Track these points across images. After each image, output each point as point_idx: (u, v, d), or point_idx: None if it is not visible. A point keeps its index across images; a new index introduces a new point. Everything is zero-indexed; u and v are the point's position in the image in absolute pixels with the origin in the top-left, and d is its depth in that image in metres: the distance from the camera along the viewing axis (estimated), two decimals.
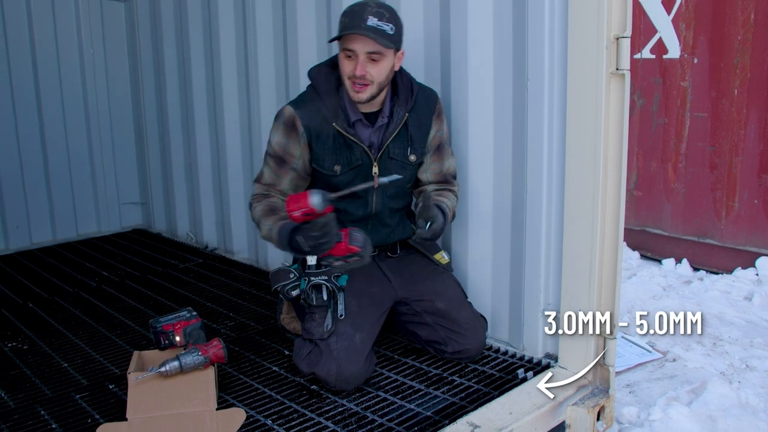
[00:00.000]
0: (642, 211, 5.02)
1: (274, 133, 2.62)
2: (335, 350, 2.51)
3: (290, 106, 2.60)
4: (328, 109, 2.57)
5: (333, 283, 2.56)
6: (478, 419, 2.30)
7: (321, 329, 2.54)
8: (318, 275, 2.55)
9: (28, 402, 2.54)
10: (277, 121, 2.62)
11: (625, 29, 2.31)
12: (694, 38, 4.59)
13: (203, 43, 4.27)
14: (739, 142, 4.48)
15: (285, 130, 2.59)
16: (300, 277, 2.59)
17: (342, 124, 2.57)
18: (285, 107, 2.62)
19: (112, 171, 5.14)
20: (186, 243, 4.72)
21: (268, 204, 2.60)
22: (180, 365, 2.33)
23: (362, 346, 2.57)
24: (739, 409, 2.85)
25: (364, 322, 2.60)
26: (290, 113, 2.58)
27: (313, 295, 2.55)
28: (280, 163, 2.63)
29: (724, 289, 4.32)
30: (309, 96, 2.62)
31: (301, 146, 2.59)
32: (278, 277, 2.64)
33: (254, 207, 2.63)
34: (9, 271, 4.21)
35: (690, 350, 3.42)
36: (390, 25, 2.42)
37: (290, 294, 2.62)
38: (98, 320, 3.34)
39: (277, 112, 2.65)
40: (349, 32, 2.40)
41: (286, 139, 2.59)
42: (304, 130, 2.57)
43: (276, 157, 2.63)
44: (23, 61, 4.60)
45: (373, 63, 2.45)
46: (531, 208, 2.68)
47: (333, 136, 2.58)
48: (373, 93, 2.51)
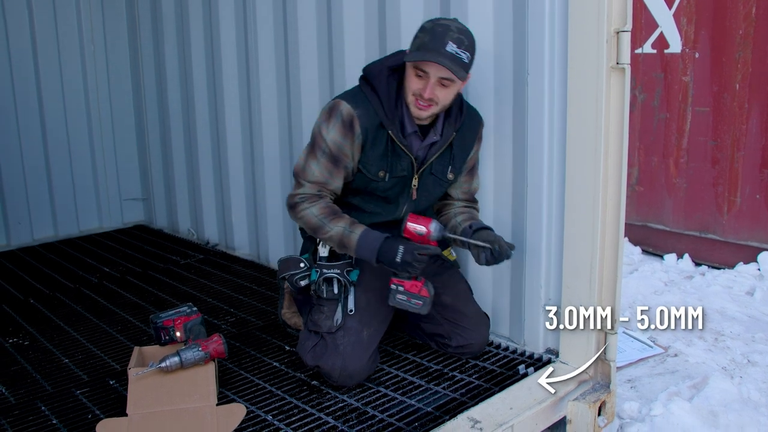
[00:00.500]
0: (643, 206, 5.01)
1: (328, 129, 2.50)
2: (341, 345, 2.51)
3: (348, 104, 2.48)
4: (386, 113, 2.48)
5: (345, 277, 2.56)
6: (478, 414, 2.31)
7: (329, 322, 2.54)
8: (330, 268, 2.56)
9: (29, 398, 2.54)
10: (333, 117, 2.49)
11: (625, 23, 2.30)
12: (695, 33, 4.57)
13: (204, 38, 4.26)
14: (741, 136, 4.47)
15: (342, 129, 2.48)
16: (311, 267, 2.60)
17: (397, 133, 2.50)
18: (341, 103, 2.50)
19: (114, 167, 5.14)
20: (187, 239, 4.72)
21: (328, 206, 2.53)
22: (180, 361, 2.33)
23: (369, 342, 2.56)
24: (740, 404, 2.84)
25: (372, 317, 2.60)
26: (349, 112, 2.47)
27: (324, 287, 2.56)
28: (334, 161, 2.52)
29: (726, 284, 4.31)
30: (367, 96, 2.51)
31: (355, 147, 2.50)
32: (288, 265, 2.64)
33: (307, 207, 2.52)
34: (10, 267, 4.21)
35: (691, 345, 3.42)
36: (467, 54, 2.36)
37: (299, 283, 2.62)
38: (99, 316, 3.34)
39: (328, 105, 2.55)
40: (427, 59, 2.34)
41: (342, 137, 2.48)
42: (361, 132, 2.48)
43: (330, 155, 2.51)
44: (24, 57, 4.60)
45: (442, 87, 2.40)
46: (531, 202, 2.68)
47: (386, 143, 2.51)
48: (435, 113, 2.48)
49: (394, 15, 3.01)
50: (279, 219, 3.94)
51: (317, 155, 2.53)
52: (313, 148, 2.54)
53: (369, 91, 2.51)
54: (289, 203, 2.58)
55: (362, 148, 2.51)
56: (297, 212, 2.55)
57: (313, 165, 2.53)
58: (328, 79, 3.43)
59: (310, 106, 3.56)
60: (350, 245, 2.48)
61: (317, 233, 2.53)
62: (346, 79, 3.29)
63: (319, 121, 2.54)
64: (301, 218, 2.55)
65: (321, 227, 2.50)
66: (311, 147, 2.56)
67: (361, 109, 2.47)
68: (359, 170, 2.55)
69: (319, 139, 2.52)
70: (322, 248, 2.60)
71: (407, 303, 2.51)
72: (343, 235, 2.48)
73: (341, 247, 2.51)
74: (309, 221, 2.52)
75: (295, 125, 3.69)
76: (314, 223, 2.51)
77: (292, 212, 2.57)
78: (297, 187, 2.57)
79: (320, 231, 2.51)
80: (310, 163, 2.54)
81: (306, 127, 3.60)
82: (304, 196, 2.54)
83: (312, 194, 2.53)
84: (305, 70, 3.56)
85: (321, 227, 2.50)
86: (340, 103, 2.50)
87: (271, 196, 3.96)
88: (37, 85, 4.67)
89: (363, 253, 2.48)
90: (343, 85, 3.31)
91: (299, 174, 2.57)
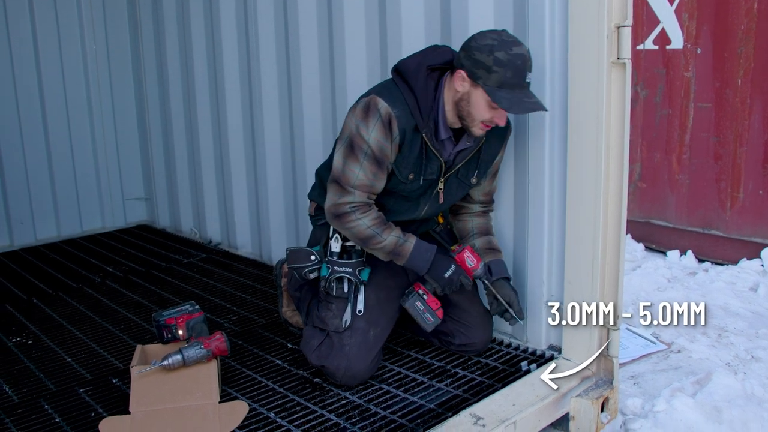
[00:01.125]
0: (646, 202, 5.00)
1: (368, 129, 2.36)
2: (347, 345, 2.51)
3: (385, 102, 2.35)
4: (421, 116, 2.38)
5: (356, 276, 2.54)
6: (481, 411, 2.30)
7: (337, 321, 2.53)
8: (342, 266, 2.54)
9: (32, 396, 2.55)
10: (371, 115, 2.36)
11: (625, 18, 2.29)
12: (697, 28, 4.56)
13: (205, 38, 4.27)
14: (744, 132, 4.46)
15: (383, 129, 2.35)
16: (321, 261, 2.58)
17: (431, 137, 2.42)
18: (377, 100, 2.36)
19: (116, 167, 5.15)
20: (190, 238, 4.73)
21: (379, 216, 2.45)
22: (183, 358, 2.33)
23: (374, 342, 2.56)
24: (744, 400, 2.83)
25: (379, 317, 2.59)
26: (387, 111, 2.34)
27: (335, 285, 2.54)
28: (378, 163, 2.40)
29: (730, 280, 4.30)
30: (404, 95, 2.39)
31: (393, 148, 2.39)
32: (298, 257, 2.61)
33: (359, 218, 2.42)
34: (13, 266, 4.22)
35: (695, 341, 3.41)
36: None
37: (307, 276, 2.60)
38: (102, 315, 3.35)
39: (363, 101, 2.41)
40: (524, 109, 2.32)
41: (384, 138, 2.36)
42: (399, 133, 2.37)
43: (373, 157, 2.38)
44: (26, 58, 4.61)
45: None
46: (533, 198, 2.68)
47: (419, 145, 2.43)
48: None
49: (395, 11, 3.00)
50: (281, 218, 3.95)
51: (359, 157, 2.39)
52: (353, 149, 2.40)
53: (406, 90, 2.40)
54: (335, 212, 2.45)
55: (399, 149, 2.41)
56: (345, 222, 2.44)
57: (356, 168, 2.40)
58: (329, 78, 3.43)
59: (312, 105, 3.57)
60: (403, 254, 2.47)
61: (367, 242, 2.46)
62: (346, 79, 3.30)
63: (355, 120, 2.39)
64: (350, 228, 2.45)
65: (372, 237, 2.44)
66: (349, 149, 2.41)
67: (399, 110, 2.35)
68: (392, 171, 2.47)
69: (359, 140, 2.38)
70: (335, 243, 2.57)
71: (421, 313, 2.54)
72: (396, 244, 2.45)
73: (390, 255, 2.48)
74: (360, 232, 2.44)
75: (297, 124, 3.70)
76: (366, 234, 2.43)
77: (338, 221, 2.46)
78: (342, 194, 2.43)
79: (371, 241, 2.45)
80: (352, 167, 2.40)
81: (307, 126, 3.61)
82: (355, 206, 2.42)
83: (362, 203, 2.43)
84: (306, 68, 3.56)
85: (372, 237, 2.44)
86: (376, 100, 2.37)
87: (273, 195, 3.97)
88: (39, 84, 4.68)
89: (414, 263, 2.49)
90: (344, 84, 3.32)
91: (341, 180, 2.43)
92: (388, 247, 2.45)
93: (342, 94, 3.35)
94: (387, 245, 2.45)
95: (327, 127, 3.52)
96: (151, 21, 4.77)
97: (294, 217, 3.86)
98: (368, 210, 2.44)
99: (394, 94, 2.39)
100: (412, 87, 2.39)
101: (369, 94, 2.44)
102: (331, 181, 2.47)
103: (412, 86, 2.39)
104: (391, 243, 2.45)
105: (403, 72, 2.43)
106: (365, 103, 2.39)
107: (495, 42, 2.25)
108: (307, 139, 3.64)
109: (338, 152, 2.45)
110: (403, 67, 2.45)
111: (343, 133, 2.46)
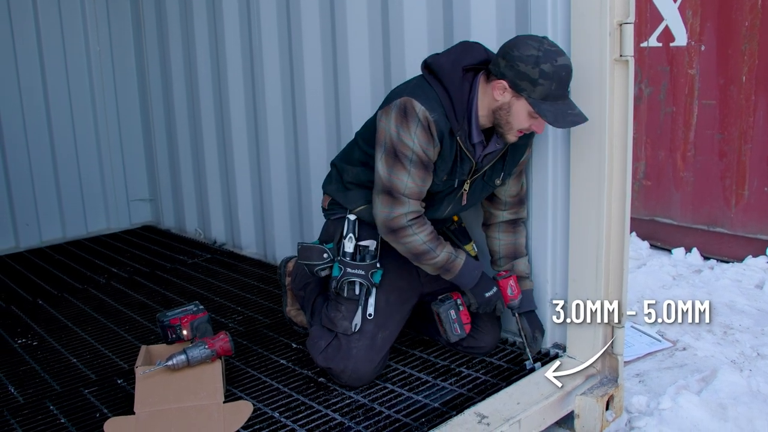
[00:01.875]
0: (651, 200, 4.99)
1: (410, 135, 2.29)
2: (354, 348, 2.50)
3: (422, 106, 2.28)
4: (456, 119, 2.32)
5: (369, 280, 2.52)
6: (485, 409, 2.30)
7: (346, 323, 2.53)
8: (355, 267, 2.52)
9: (38, 397, 2.55)
10: (410, 120, 2.29)
11: (628, 15, 2.29)
12: (700, 25, 4.55)
13: (209, 39, 4.27)
14: (748, 129, 4.45)
15: (424, 133, 2.29)
16: (333, 260, 2.56)
17: (465, 140, 2.36)
18: (414, 103, 2.29)
19: (121, 168, 5.17)
20: (194, 239, 4.74)
21: (433, 232, 2.43)
22: (187, 358, 2.33)
23: (382, 345, 2.56)
24: (749, 397, 2.83)
25: (388, 320, 2.58)
26: (425, 116, 2.28)
27: (346, 287, 2.52)
28: (424, 167, 2.34)
29: (735, 277, 4.29)
30: (439, 97, 2.31)
31: (435, 151, 2.34)
32: (310, 253, 2.58)
33: (416, 233, 2.38)
34: (18, 268, 4.23)
35: (700, 339, 3.40)
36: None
37: (318, 274, 2.58)
38: (107, 316, 3.35)
39: (398, 104, 2.32)
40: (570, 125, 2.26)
41: (427, 142, 2.30)
42: (438, 136, 2.31)
43: (419, 162, 2.32)
44: (30, 59, 4.62)
45: None
46: (536, 196, 2.67)
47: (455, 149, 2.37)
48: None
49: (397, 11, 3.00)
50: (285, 217, 3.95)
51: (405, 165, 2.32)
52: (396, 157, 2.33)
53: (441, 91, 2.32)
54: (391, 226, 2.40)
55: (439, 153, 2.36)
56: (400, 237, 2.40)
57: (404, 177, 2.34)
58: (333, 78, 3.43)
59: (315, 105, 3.56)
60: (453, 270, 2.48)
61: (419, 258, 2.44)
62: (349, 78, 3.30)
63: (394, 125, 2.32)
64: (404, 244, 2.41)
65: (427, 253, 2.42)
66: (392, 157, 2.34)
67: (436, 114, 2.29)
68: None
69: (402, 147, 2.31)
70: (348, 243, 2.55)
71: (452, 322, 2.58)
72: (448, 261, 2.46)
73: (439, 270, 2.48)
74: (415, 248, 2.41)
75: (300, 124, 3.70)
76: (421, 249, 2.41)
77: (393, 236, 2.41)
78: (394, 205, 2.37)
79: (425, 256, 2.43)
80: (400, 176, 2.34)
81: (311, 126, 3.62)
82: (410, 219, 2.38)
83: (416, 212, 2.39)
84: (309, 69, 3.56)
85: (427, 253, 2.42)
86: (413, 103, 2.29)
87: (277, 195, 3.97)
88: (43, 86, 4.69)
89: (462, 279, 2.51)
90: (348, 85, 3.32)
91: (391, 190, 2.36)
92: (440, 263, 2.45)
93: (345, 94, 3.35)
94: (439, 261, 2.45)
95: (330, 127, 3.51)
96: (154, 23, 4.78)
97: (298, 217, 3.86)
98: (423, 224, 2.41)
99: (429, 96, 2.31)
100: (447, 88, 2.32)
101: (401, 94, 2.35)
102: (379, 192, 2.40)
103: (447, 87, 2.32)
104: (443, 259, 2.45)
105: (437, 71, 2.35)
106: (401, 105, 2.31)
107: (540, 53, 2.17)
108: (311, 138, 3.64)
109: (380, 161, 2.37)
110: (436, 66, 2.36)
111: (379, 138, 2.38)
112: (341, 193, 2.63)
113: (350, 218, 2.58)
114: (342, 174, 2.63)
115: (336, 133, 3.47)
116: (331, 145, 3.52)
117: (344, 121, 3.39)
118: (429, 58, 2.41)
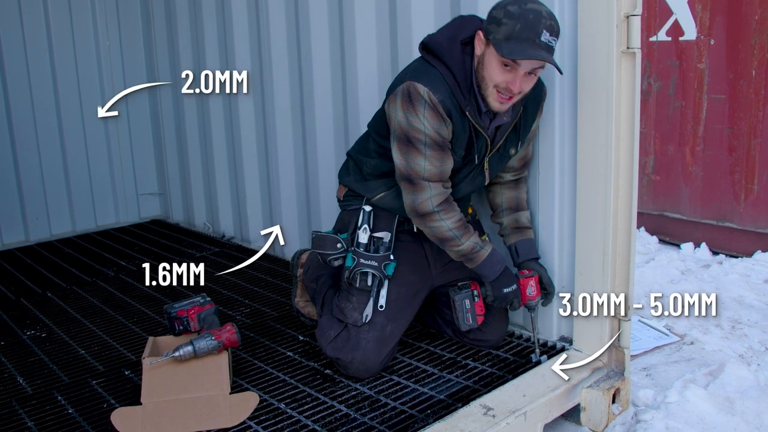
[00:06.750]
0: (660, 195, 4.97)
1: (419, 118, 2.27)
2: (364, 339, 2.51)
3: (425, 87, 2.25)
4: (463, 95, 2.29)
5: (381, 271, 2.52)
6: (491, 402, 2.31)
7: (356, 314, 2.53)
8: (369, 259, 2.52)
9: (46, 388, 2.58)
10: (416, 103, 2.26)
11: (635, 7, 2.28)
12: (710, 19, 4.52)
13: (217, 32, 4.28)
14: (758, 123, 4.42)
15: (432, 113, 2.26)
16: (347, 250, 2.56)
17: (474, 114, 2.33)
18: (416, 86, 2.25)
19: (130, 162, 5.20)
20: (203, 232, 4.75)
21: (461, 219, 2.44)
22: (194, 350, 2.34)
23: (391, 337, 2.56)
24: (757, 391, 2.82)
25: (398, 312, 2.58)
26: (429, 95, 2.24)
27: (359, 277, 2.52)
28: (440, 147, 2.32)
29: (744, 272, 4.27)
30: (443, 75, 2.28)
31: (448, 130, 2.32)
32: (324, 243, 2.58)
33: (443, 219, 2.39)
34: (28, 261, 4.26)
35: (708, 333, 3.39)
36: (556, 39, 2.16)
37: (331, 263, 2.59)
38: (115, 308, 3.38)
39: (402, 89, 2.29)
40: (529, 56, 2.12)
41: (437, 122, 2.27)
42: (447, 115, 2.28)
43: (433, 144, 2.30)
44: (40, 53, 4.66)
45: (529, 77, 2.23)
46: (543, 189, 2.67)
47: (468, 126, 2.35)
48: (515, 103, 2.33)
49: (405, 3, 3.00)
50: (294, 211, 3.96)
51: (420, 149, 2.31)
52: (410, 143, 2.32)
53: (443, 68, 2.29)
54: (418, 211, 2.40)
55: (453, 132, 2.34)
56: (427, 221, 2.41)
57: (421, 161, 2.33)
58: (340, 70, 3.44)
59: (323, 98, 3.57)
60: (476, 260, 2.47)
61: (444, 243, 2.45)
62: (357, 70, 3.30)
63: (401, 111, 2.30)
64: (432, 228, 2.42)
65: (452, 240, 2.42)
66: (406, 143, 2.33)
67: (440, 93, 2.25)
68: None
69: (414, 132, 2.29)
70: (363, 234, 2.55)
71: (465, 312, 2.57)
72: (473, 250, 2.45)
73: (462, 258, 2.48)
74: (441, 233, 2.42)
75: (308, 118, 3.70)
76: (447, 236, 2.42)
77: (421, 220, 2.43)
78: (417, 190, 2.38)
79: (449, 242, 2.44)
80: (417, 160, 2.33)
81: (319, 119, 3.62)
82: (439, 205, 2.38)
83: (441, 195, 2.38)
84: (317, 61, 3.56)
85: (452, 240, 2.42)
86: (416, 86, 2.26)
87: (285, 189, 3.98)
88: (53, 81, 4.72)
89: (483, 270, 2.50)
90: (355, 77, 3.32)
91: (410, 176, 2.36)
92: (464, 251, 2.45)
93: (353, 86, 3.35)
94: (463, 249, 2.45)
95: (339, 120, 3.52)
96: (163, 16, 4.80)
97: (306, 210, 3.87)
98: (451, 211, 2.41)
99: (432, 76, 2.28)
100: (448, 65, 2.29)
101: (403, 79, 2.32)
102: (401, 180, 2.41)
103: (448, 64, 2.29)
104: (467, 248, 2.45)
105: (434, 49, 2.32)
106: (405, 90, 2.28)
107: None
108: (319, 132, 3.65)
109: (396, 149, 2.37)
110: (433, 44, 2.33)
111: (391, 128, 2.38)
112: (360, 183, 2.63)
113: (365, 209, 2.58)
114: (361, 166, 2.64)
115: (343, 128, 3.48)
116: (339, 139, 3.53)
117: (352, 115, 3.39)
118: (425, 38, 2.39)
